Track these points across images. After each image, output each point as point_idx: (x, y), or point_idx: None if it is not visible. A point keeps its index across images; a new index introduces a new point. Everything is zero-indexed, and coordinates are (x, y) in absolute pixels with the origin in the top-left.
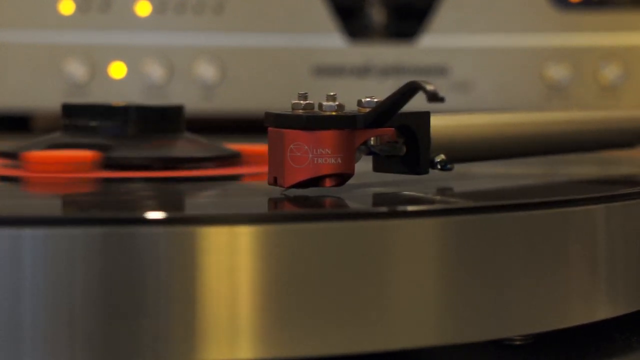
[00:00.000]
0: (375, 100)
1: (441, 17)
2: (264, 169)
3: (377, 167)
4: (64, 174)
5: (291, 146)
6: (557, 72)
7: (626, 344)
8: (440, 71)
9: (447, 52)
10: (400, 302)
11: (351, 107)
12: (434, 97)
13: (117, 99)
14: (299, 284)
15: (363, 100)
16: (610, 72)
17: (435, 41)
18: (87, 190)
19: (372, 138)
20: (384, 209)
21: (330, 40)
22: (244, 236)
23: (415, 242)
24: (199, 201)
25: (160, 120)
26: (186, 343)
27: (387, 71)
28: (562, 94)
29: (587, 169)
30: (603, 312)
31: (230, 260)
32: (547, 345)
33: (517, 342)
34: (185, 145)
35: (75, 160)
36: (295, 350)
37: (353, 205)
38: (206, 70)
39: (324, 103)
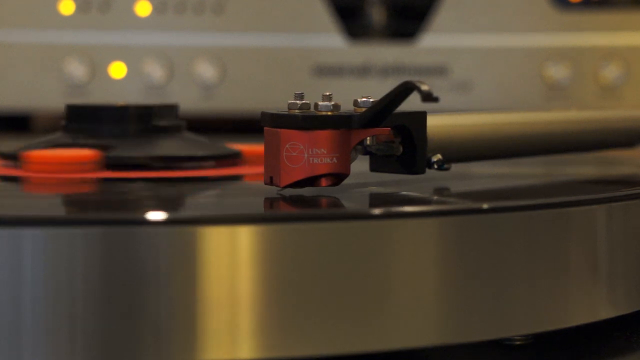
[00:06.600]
0: (372, 100)
1: (441, 17)
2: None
3: (374, 167)
4: (65, 174)
5: (287, 146)
6: (557, 72)
7: (626, 344)
8: (440, 71)
9: (447, 52)
10: (400, 302)
11: (351, 107)
12: (428, 97)
13: (117, 99)
14: (298, 284)
15: (359, 100)
16: (611, 72)
17: (435, 41)
18: (87, 190)
19: (368, 138)
20: (385, 209)
21: (330, 40)
22: (244, 236)
23: (415, 241)
24: (199, 201)
25: (160, 120)
26: (186, 343)
27: (387, 71)
28: (562, 94)
29: (587, 169)
30: (603, 312)
31: (230, 260)
32: (547, 345)
33: (517, 342)
34: (185, 145)
35: (76, 160)
36: (295, 350)
37: (353, 205)
38: (206, 70)
39: (320, 103)
